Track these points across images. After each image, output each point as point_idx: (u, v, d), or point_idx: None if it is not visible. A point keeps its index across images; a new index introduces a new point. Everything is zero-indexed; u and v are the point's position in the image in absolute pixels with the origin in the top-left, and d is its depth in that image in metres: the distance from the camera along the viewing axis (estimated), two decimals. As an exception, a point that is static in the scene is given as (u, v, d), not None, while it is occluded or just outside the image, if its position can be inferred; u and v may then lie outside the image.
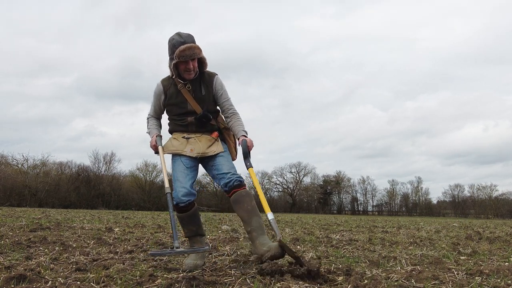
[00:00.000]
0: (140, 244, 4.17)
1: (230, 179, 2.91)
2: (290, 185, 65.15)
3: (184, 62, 2.90)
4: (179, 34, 2.92)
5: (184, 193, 2.91)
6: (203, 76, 3.07)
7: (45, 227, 6.14)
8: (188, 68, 2.92)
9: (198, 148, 3.00)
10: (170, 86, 3.06)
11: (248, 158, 2.99)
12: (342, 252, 3.92)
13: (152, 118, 3.26)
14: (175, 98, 3.04)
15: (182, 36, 2.90)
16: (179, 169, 2.99)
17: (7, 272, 2.43)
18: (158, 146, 3.10)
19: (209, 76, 3.09)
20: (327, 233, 6.79)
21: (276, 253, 2.55)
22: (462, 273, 2.68)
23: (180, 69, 2.95)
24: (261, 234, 2.77)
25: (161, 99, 3.11)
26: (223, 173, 2.94)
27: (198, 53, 2.92)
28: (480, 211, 60.41)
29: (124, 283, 2.21)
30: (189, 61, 2.89)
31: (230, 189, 2.91)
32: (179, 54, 2.84)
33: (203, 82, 3.06)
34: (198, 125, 3.05)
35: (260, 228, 2.81)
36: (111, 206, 42.68)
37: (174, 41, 2.89)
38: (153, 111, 3.22)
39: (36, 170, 43.66)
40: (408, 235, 6.54)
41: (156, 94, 3.12)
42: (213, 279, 2.28)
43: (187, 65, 2.90)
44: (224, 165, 2.97)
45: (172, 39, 2.91)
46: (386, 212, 65.01)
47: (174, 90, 3.04)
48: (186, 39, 2.88)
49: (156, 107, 3.18)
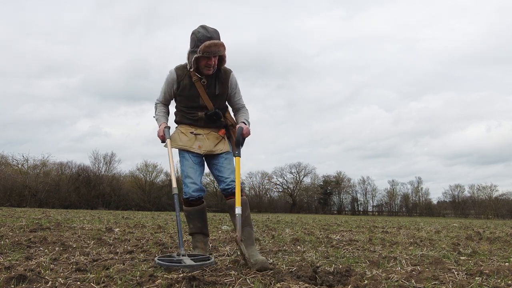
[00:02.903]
0: (140, 245, 4.16)
1: (229, 185, 2.92)
2: (290, 186, 65.25)
3: (206, 58, 2.80)
4: (205, 28, 2.80)
5: (195, 189, 2.93)
6: (219, 72, 3.00)
7: (45, 227, 6.13)
8: (209, 64, 2.83)
9: (206, 145, 2.99)
10: (185, 76, 2.97)
11: (239, 146, 2.92)
12: (342, 253, 3.92)
13: (160, 104, 3.20)
14: (188, 91, 2.97)
15: (208, 30, 2.79)
16: (188, 165, 2.97)
17: (7, 272, 2.42)
18: (166, 139, 3.04)
19: (225, 73, 3.02)
20: (327, 233, 6.78)
21: (262, 267, 2.60)
22: (462, 274, 2.67)
23: (200, 64, 2.86)
24: (250, 245, 2.86)
25: (173, 87, 3.03)
26: (223, 177, 2.95)
27: (222, 51, 2.83)
28: (480, 211, 60.34)
29: (124, 284, 2.21)
30: (212, 57, 2.81)
31: (228, 194, 2.93)
32: (204, 49, 2.74)
33: (218, 79, 2.99)
34: (207, 121, 3.03)
35: (249, 238, 2.89)
36: (111, 207, 42.66)
37: (199, 35, 2.77)
38: (162, 97, 3.15)
39: (36, 170, 43.68)
40: (408, 236, 6.54)
41: (168, 82, 3.04)
42: (213, 279, 2.28)
43: (208, 60, 2.82)
44: (226, 168, 2.97)
45: (197, 32, 2.79)
46: (386, 213, 65.00)
47: (188, 82, 2.96)
48: (212, 35, 2.78)
49: (166, 94, 3.11)
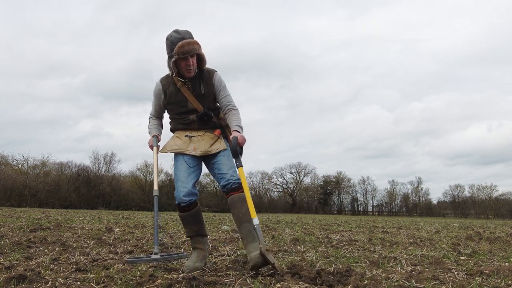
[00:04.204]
0: (140, 245, 4.16)
1: (228, 181, 2.89)
2: (290, 186, 65.24)
3: (184, 59, 2.83)
4: (176, 31, 2.85)
5: (185, 193, 2.90)
6: (202, 73, 3.02)
7: (45, 227, 6.13)
8: (188, 65, 2.85)
9: (201, 146, 2.98)
10: (169, 85, 3.01)
11: (238, 157, 2.88)
12: (342, 253, 3.92)
13: (153, 117, 3.25)
14: (175, 97, 3.00)
15: (180, 32, 2.83)
16: (181, 169, 2.97)
17: (7, 272, 2.43)
18: (153, 147, 3.10)
19: (208, 73, 3.04)
20: (327, 233, 6.78)
21: (257, 263, 2.57)
22: (462, 274, 2.67)
23: (180, 67, 2.89)
24: (250, 242, 2.77)
25: (160, 98, 3.07)
26: (222, 173, 2.93)
27: (197, 49, 2.84)
28: (480, 211, 60.32)
29: (124, 284, 2.21)
30: (189, 58, 2.83)
31: (228, 191, 2.92)
32: (178, 50, 2.77)
33: (202, 79, 3.01)
34: (200, 123, 3.03)
35: (249, 235, 2.80)
36: (111, 207, 42.65)
37: (172, 38, 2.81)
38: (154, 110, 3.21)
39: (36, 170, 43.65)
40: (408, 236, 6.54)
41: (155, 94, 3.08)
42: (213, 280, 2.28)
43: (187, 61, 2.84)
44: (224, 164, 2.95)
45: (170, 37, 2.83)
46: (386, 213, 64.98)
47: (174, 88, 3.00)
48: (184, 35, 2.81)
49: (156, 107, 3.16)
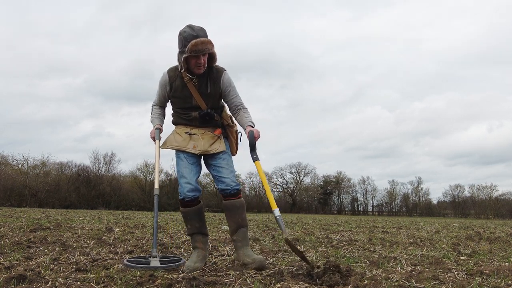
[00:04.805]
0: (140, 245, 4.16)
1: (228, 186, 2.93)
2: (290, 185, 65.25)
3: (195, 57, 2.79)
4: (191, 27, 2.79)
5: (189, 189, 2.93)
6: (211, 71, 2.98)
7: (45, 227, 6.13)
8: (198, 62, 2.82)
9: (201, 145, 2.98)
10: (176, 78, 2.98)
11: (254, 150, 2.90)
12: (342, 253, 3.92)
13: (156, 106, 3.25)
14: (180, 92, 2.98)
15: (194, 29, 2.78)
16: (183, 165, 2.97)
17: (7, 272, 2.43)
18: (156, 140, 3.11)
19: (217, 72, 3.00)
20: (327, 233, 6.78)
21: (260, 266, 2.69)
22: (462, 274, 2.67)
23: (190, 63, 2.85)
24: (245, 245, 2.91)
25: (166, 89, 3.05)
26: (222, 177, 2.95)
27: (210, 48, 2.81)
28: (480, 211, 60.30)
29: (124, 284, 2.21)
30: (201, 56, 2.79)
31: (227, 195, 2.95)
32: (191, 48, 2.72)
33: (210, 78, 2.98)
34: (201, 121, 3.03)
35: (245, 239, 2.93)
36: (111, 207, 42.63)
37: (186, 34, 2.76)
38: (157, 99, 3.19)
39: (36, 170, 43.65)
40: (408, 236, 6.53)
41: (161, 84, 3.06)
42: (213, 279, 2.28)
43: (198, 59, 2.80)
44: (224, 168, 2.96)
45: (183, 32, 2.78)
46: (386, 212, 64.95)
47: (180, 83, 2.97)
48: (198, 33, 2.76)
49: (161, 97, 3.14)
